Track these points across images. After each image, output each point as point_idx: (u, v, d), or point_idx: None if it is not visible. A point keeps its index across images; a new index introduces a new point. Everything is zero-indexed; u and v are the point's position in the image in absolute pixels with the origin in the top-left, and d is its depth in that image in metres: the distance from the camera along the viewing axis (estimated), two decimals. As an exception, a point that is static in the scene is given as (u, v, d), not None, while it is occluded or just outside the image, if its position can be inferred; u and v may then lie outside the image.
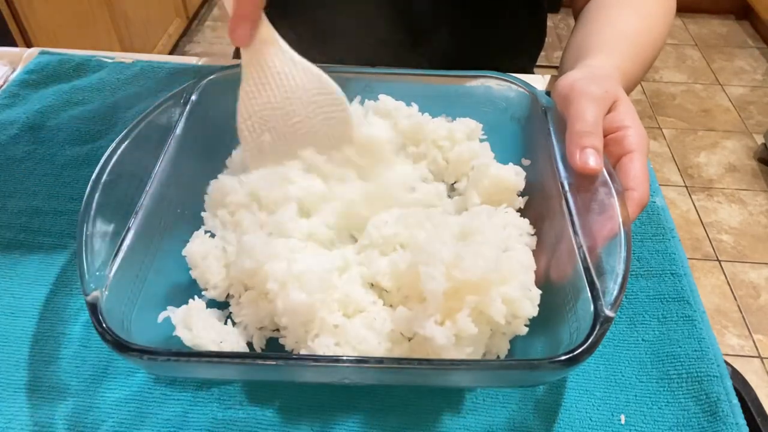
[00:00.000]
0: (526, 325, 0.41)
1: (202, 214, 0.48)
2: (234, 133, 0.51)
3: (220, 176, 0.48)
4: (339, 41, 0.73)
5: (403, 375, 0.38)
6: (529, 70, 0.82)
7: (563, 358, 0.34)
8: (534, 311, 0.40)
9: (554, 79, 0.68)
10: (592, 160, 0.41)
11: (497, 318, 0.39)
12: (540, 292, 0.41)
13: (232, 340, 0.42)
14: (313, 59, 0.47)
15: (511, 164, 0.51)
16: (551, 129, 0.47)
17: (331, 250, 0.45)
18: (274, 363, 0.36)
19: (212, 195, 0.48)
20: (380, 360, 0.38)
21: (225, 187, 0.47)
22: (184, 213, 0.47)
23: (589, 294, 0.36)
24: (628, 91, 0.48)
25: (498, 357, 0.42)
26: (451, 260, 0.39)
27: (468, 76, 0.54)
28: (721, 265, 1.60)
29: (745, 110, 2.11)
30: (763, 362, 1.39)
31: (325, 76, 0.47)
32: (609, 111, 0.45)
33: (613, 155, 0.44)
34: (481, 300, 0.39)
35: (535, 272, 0.44)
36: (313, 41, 0.74)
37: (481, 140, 0.54)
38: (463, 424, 0.41)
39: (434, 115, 0.54)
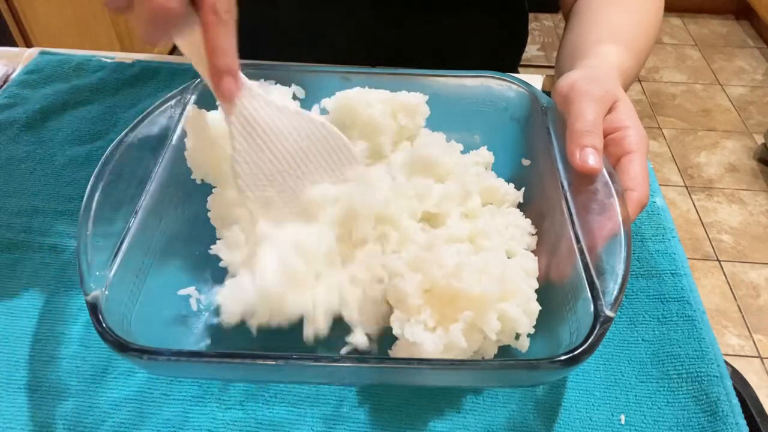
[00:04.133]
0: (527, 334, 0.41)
1: (218, 235, 0.47)
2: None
3: (215, 190, 0.47)
4: (309, 36, 0.73)
5: (403, 375, 0.38)
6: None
7: (563, 358, 0.34)
8: (529, 329, 0.40)
9: (551, 79, 0.68)
10: (591, 159, 0.41)
11: (490, 335, 0.39)
12: (539, 307, 0.41)
13: None
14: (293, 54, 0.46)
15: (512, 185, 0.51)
16: (551, 129, 0.47)
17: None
18: (274, 363, 0.36)
19: (215, 210, 0.47)
20: (380, 359, 0.38)
21: (226, 200, 0.46)
22: (184, 213, 0.47)
23: (589, 294, 0.36)
24: (626, 87, 0.48)
25: (483, 357, 0.41)
26: (451, 269, 0.39)
27: (468, 76, 0.54)
28: (721, 265, 1.60)
29: (745, 110, 2.11)
30: (763, 362, 1.39)
31: (302, 110, 0.44)
32: (609, 111, 0.45)
33: (613, 155, 0.44)
34: (477, 317, 0.39)
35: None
36: (289, 36, 0.74)
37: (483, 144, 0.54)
38: (463, 424, 0.41)
39: (434, 116, 0.54)
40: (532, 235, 0.47)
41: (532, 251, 0.46)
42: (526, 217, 0.48)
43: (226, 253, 0.44)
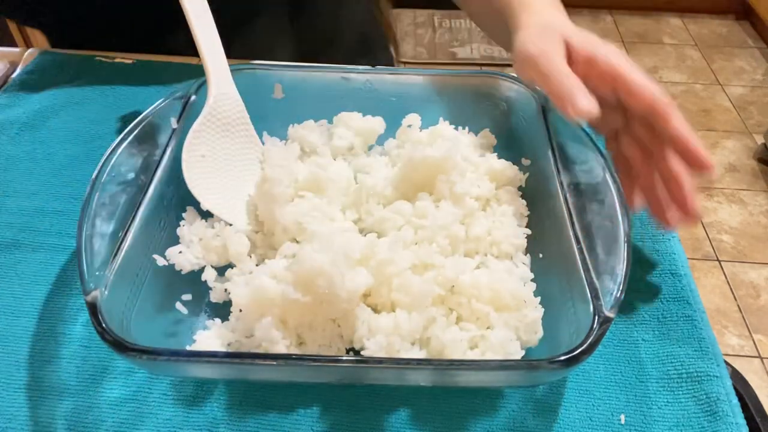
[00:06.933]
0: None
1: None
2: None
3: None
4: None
5: (403, 375, 0.38)
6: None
7: (563, 358, 0.34)
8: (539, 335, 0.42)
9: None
10: (584, 101, 0.42)
11: (515, 355, 0.40)
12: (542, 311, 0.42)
13: None
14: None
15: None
16: (551, 129, 0.47)
17: None
18: (274, 363, 0.36)
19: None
20: (380, 360, 0.38)
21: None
22: (184, 212, 0.47)
23: (589, 294, 0.36)
24: None
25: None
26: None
27: (468, 75, 0.54)
28: (721, 265, 1.60)
29: (745, 110, 2.11)
30: (763, 362, 1.39)
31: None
32: (568, 48, 0.46)
33: (604, 77, 0.44)
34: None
35: (536, 272, 0.44)
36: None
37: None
38: (463, 424, 0.41)
39: (434, 116, 0.54)
40: (525, 216, 0.48)
41: (530, 254, 0.46)
42: (526, 219, 0.49)
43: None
